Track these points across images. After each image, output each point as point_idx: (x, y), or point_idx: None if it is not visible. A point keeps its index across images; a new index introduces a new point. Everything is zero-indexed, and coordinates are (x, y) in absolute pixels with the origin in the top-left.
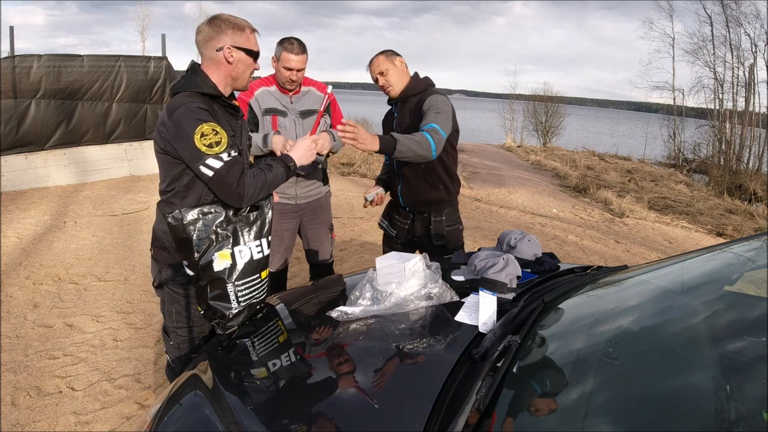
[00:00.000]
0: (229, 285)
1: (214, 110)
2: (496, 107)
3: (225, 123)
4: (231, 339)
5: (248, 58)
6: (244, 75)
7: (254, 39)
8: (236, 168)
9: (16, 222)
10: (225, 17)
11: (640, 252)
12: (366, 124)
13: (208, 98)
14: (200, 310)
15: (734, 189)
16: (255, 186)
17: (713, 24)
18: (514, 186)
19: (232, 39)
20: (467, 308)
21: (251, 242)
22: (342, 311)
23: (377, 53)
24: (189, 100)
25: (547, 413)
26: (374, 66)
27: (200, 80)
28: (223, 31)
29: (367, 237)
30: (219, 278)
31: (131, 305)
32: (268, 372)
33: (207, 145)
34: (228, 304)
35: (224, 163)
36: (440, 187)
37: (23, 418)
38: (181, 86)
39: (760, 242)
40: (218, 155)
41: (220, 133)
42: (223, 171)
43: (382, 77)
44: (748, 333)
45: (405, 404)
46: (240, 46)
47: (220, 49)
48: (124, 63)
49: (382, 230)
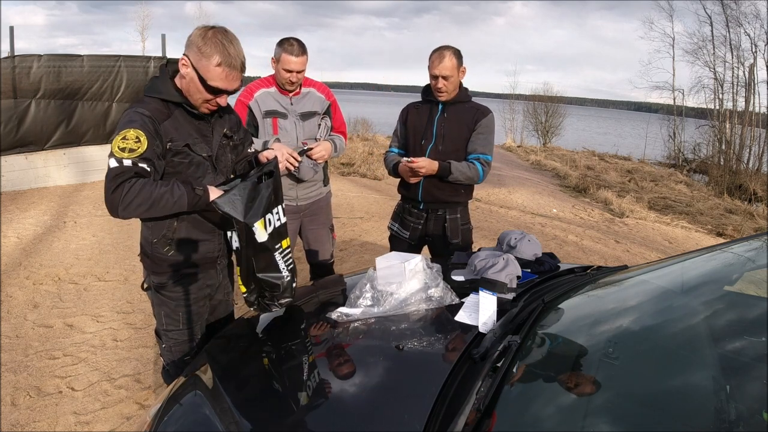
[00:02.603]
0: (276, 254)
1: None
2: (496, 107)
3: (183, 129)
4: (228, 338)
5: (199, 83)
6: (194, 97)
7: (219, 72)
8: (126, 176)
9: (16, 222)
10: (210, 36)
11: (640, 252)
12: (366, 124)
13: (170, 104)
14: (243, 291)
15: (734, 189)
16: (134, 196)
17: (713, 24)
18: (514, 186)
19: (192, 55)
20: (467, 308)
21: (273, 209)
22: (342, 313)
23: (449, 51)
24: (141, 105)
25: (548, 413)
26: (442, 67)
27: (161, 85)
28: (190, 44)
29: (367, 237)
30: (265, 248)
31: (131, 305)
32: (268, 372)
33: (120, 148)
34: (278, 273)
35: (119, 166)
36: (462, 191)
37: (23, 418)
38: (147, 89)
39: (760, 242)
40: (121, 159)
41: (141, 142)
42: (113, 173)
43: (444, 81)
44: (748, 333)
45: (405, 404)
46: (194, 66)
47: (181, 59)
48: (124, 63)
49: (390, 233)
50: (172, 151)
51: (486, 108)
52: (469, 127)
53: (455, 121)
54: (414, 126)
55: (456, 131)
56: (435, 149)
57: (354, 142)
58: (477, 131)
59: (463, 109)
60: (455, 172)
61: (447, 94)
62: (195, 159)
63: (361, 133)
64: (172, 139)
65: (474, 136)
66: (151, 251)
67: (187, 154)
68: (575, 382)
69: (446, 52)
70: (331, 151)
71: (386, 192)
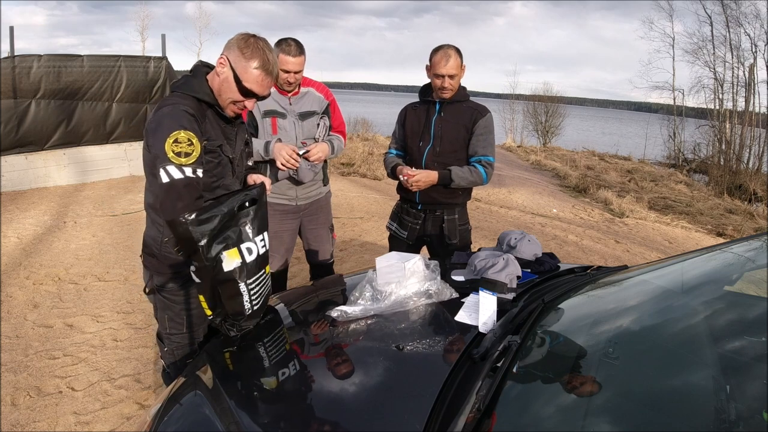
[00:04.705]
0: (242, 284)
1: (204, 116)
2: (496, 107)
3: (215, 130)
4: (228, 339)
5: (233, 83)
6: (224, 97)
7: (256, 75)
8: (192, 189)
9: (16, 222)
10: (252, 42)
11: (640, 252)
12: (366, 124)
13: (203, 104)
14: (209, 314)
15: (734, 189)
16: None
17: (713, 24)
18: (514, 186)
19: (233, 56)
20: (467, 308)
21: (256, 237)
22: (342, 311)
23: (452, 50)
24: (181, 101)
25: (548, 413)
26: (449, 66)
27: (197, 85)
28: (231, 46)
29: (367, 237)
30: (230, 279)
31: (131, 305)
32: (268, 372)
33: (176, 153)
34: (242, 303)
35: (184, 177)
36: (459, 192)
37: (23, 418)
38: (179, 86)
39: (760, 242)
40: (181, 166)
41: (194, 145)
42: (179, 184)
43: (450, 80)
44: (748, 333)
45: (405, 404)
46: (233, 66)
47: (219, 58)
48: (124, 63)
49: (389, 233)
50: (206, 148)
51: (484, 107)
52: (466, 127)
53: (452, 122)
54: (412, 127)
55: (453, 132)
56: (432, 150)
57: (354, 142)
58: (476, 133)
59: (461, 109)
60: (456, 179)
61: (451, 93)
62: (223, 160)
63: (361, 133)
64: (209, 138)
65: (474, 139)
66: (158, 250)
67: (218, 155)
68: (575, 382)
69: (451, 51)
70: (328, 151)
71: (386, 192)
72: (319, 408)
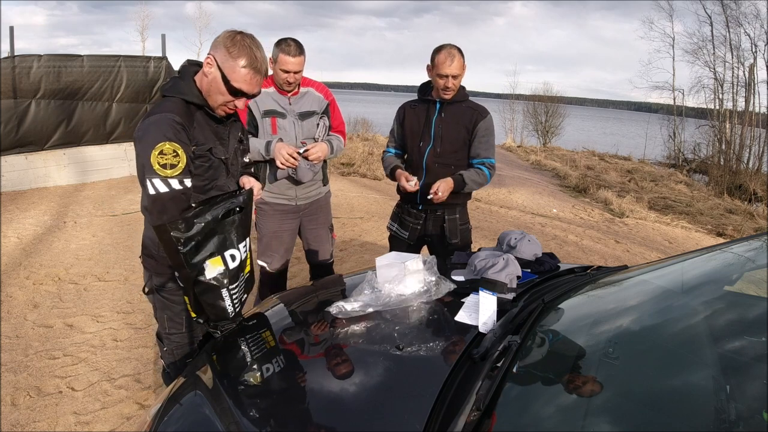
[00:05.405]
0: (224, 290)
1: (193, 120)
2: (496, 107)
3: (205, 132)
4: (228, 339)
5: (221, 83)
6: (213, 98)
7: (244, 74)
8: (177, 201)
9: (16, 222)
10: (238, 40)
11: (640, 252)
12: (366, 124)
13: (192, 106)
14: (194, 316)
15: (734, 189)
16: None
17: (713, 24)
18: (514, 186)
19: (219, 55)
20: (467, 308)
21: (239, 244)
22: (341, 307)
23: (455, 50)
24: (170, 109)
25: (548, 413)
26: (454, 67)
27: (185, 87)
28: (218, 45)
29: (367, 237)
30: (212, 286)
31: (131, 305)
32: (268, 372)
33: (161, 165)
34: (224, 308)
35: (169, 191)
36: (461, 192)
37: (23, 418)
38: (167, 89)
39: (760, 242)
40: (167, 179)
41: (179, 156)
42: (165, 197)
43: (454, 81)
44: (748, 333)
45: (405, 404)
46: (220, 66)
47: (206, 58)
48: (124, 63)
49: (390, 233)
50: (195, 154)
51: (484, 109)
52: (467, 128)
53: (453, 122)
54: (411, 127)
55: (454, 133)
56: (433, 151)
57: (354, 142)
58: (478, 135)
59: (461, 109)
60: (468, 182)
61: (453, 93)
62: (214, 162)
63: (361, 133)
64: (197, 143)
65: (476, 141)
66: (157, 252)
67: (208, 158)
68: (575, 382)
69: (455, 51)
70: (328, 151)
71: (386, 192)
72: (319, 408)
